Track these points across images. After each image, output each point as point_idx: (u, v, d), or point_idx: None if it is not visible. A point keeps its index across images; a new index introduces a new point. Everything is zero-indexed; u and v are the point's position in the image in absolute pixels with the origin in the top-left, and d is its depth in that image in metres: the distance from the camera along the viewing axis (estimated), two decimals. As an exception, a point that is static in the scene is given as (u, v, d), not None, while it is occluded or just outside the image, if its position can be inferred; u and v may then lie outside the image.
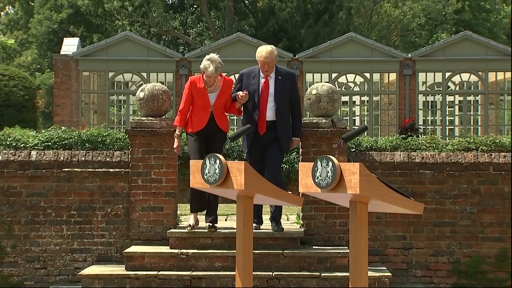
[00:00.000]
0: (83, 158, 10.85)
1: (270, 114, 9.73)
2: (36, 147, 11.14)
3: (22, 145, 11.20)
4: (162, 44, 39.10)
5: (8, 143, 11.21)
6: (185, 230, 10.22)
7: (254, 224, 9.42)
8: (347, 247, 10.05)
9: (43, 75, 42.93)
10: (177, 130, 9.76)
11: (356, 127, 10.60)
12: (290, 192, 6.14)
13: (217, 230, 10.30)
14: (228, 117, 10.30)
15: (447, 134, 26.95)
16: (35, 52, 52.05)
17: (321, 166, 5.01)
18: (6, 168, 10.79)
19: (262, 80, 9.69)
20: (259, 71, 9.74)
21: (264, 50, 9.63)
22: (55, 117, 27.66)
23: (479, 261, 10.88)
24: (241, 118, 10.25)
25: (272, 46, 9.81)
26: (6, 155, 10.85)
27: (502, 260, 10.87)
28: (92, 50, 27.86)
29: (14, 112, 28.50)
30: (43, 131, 11.95)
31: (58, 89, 27.58)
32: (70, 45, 29.32)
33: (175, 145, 9.75)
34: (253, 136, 9.64)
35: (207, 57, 9.56)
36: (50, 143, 11.18)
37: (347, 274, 9.20)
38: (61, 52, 28.90)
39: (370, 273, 9.29)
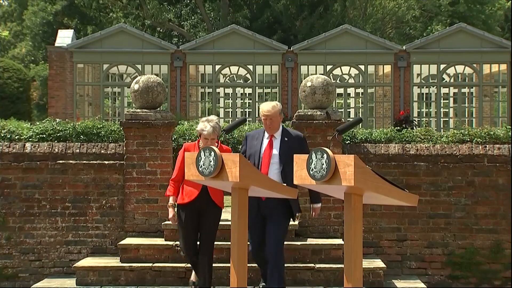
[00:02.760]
0: (77, 150, 10.84)
1: (274, 177, 8.15)
2: (30, 139, 11.14)
3: (16, 137, 11.20)
4: (157, 36, 39.02)
5: (2, 135, 11.21)
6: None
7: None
8: (341, 239, 10.07)
9: (37, 67, 42.87)
10: (170, 200, 8.60)
11: (351, 119, 10.59)
12: (285, 184, 6.14)
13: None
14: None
15: (441, 126, 26.97)
16: (29, 44, 51.97)
17: (316, 158, 5.01)
18: (0, 160, 10.79)
19: (266, 141, 8.44)
20: (264, 132, 8.53)
21: (266, 104, 8.51)
22: (49, 109, 27.61)
23: (473, 253, 10.90)
24: None
25: (277, 102, 8.62)
26: (1, 147, 10.84)
27: (496, 251, 10.90)
28: (87, 42, 27.80)
29: (8, 104, 28.46)
30: (38, 123, 11.93)
31: (52, 81, 27.51)
32: (64, 37, 29.24)
33: (170, 215, 8.59)
34: (256, 204, 8.07)
35: (203, 118, 8.67)
36: (44, 135, 11.17)
37: (342, 265, 9.23)
38: (56, 44, 28.82)
39: (365, 265, 9.31)
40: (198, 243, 8.66)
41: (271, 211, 8.17)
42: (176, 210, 8.61)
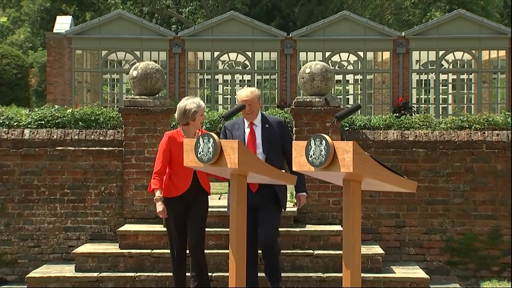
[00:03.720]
0: (76, 137, 10.84)
1: None
2: (29, 126, 11.13)
3: (15, 124, 11.18)
4: (155, 23, 38.93)
5: (1, 121, 11.20)
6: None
7: None
8: (340, 226, 10.08)
9: (36, 53, 42.80)
10: (157, 193, 8.01)
11: (350, 106, 10.59)
12: (284, 171, 6.15)
13: (210, 209, 10.31)
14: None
15: (440, 113, 26.97)
16: (27, 30, 51.86)
17: (315, 144, 5.01)
18: (-1, 146, 10.78)
19: (247, 130, 8.10)
20: (243, 121, 8.18)
21: (243, 90, 8.16)
22: (48, 95, 27.59)
23: (471, 239, 10.92)
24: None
25: (255, 88, 8.28)
26: (-1, 134, 10.83)
27: (495, 237, 10.92)
28: (85, 28, 27.76)
29: (6, 91, 28.46)
30: (36, 109, 11.92)
31: (51, 68, 27.48)
32: (63, 23, 29.20)
33: (159, 209, 8.01)
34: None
35: (182, 100, 8.16)
36: (43, 122, 11.16)
37: (340, 252, 9.24)
38: (54, 31, 28.79)
39: (363, 251, 9.32)
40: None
41: (260, 204, 7.90)
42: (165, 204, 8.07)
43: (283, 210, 8.22)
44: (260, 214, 7.94)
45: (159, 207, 7.97)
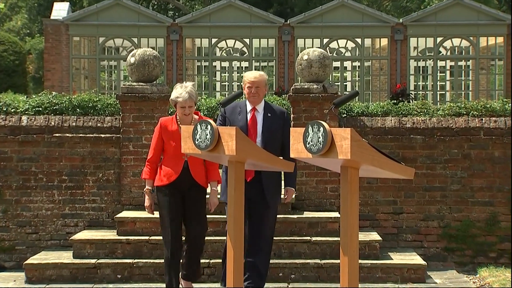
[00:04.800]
0: (74, 124, 10.83)
1: None
2: (26, 112, 11.11)
3: (12, 110, 11.17)
4: (152, 9, 38.84)
5: (-2, 108, 11.19)
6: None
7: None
8: (338, 212, 10.09)
9: (33, 40, 42.65)
10: (146, 185, 7.86)
11: (347, 93, 10.59)
12: (281, 158, 6.14)
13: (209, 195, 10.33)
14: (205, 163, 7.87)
15: (438, 99, 26.97)
16: (25, 16, 51.71)
17: (312, 131, 5.00)
18: (-4, 133, 10.77)
19: (249, 116, 7.75)
20: (245, 104, 7.80)
21: (251, 72, 7.87)
22: (45, 82, 27.54)
23: (469, 225, 10.94)
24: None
25: (263, 72, 7.93)
26: (-3, 121, 10.82)
27: (492, 224, 10.94)
28: (83, 15, 27.69)
29: (4, 77, 28.40)
30: (34, 96, 11.91)
31: (48, 54, 27.42)
32: (60, 10, 29.10)
33: (146, 204, 7.85)
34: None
35: (177, 85, 7.79)
36: (40, 108, 11.15)
37: (338, 238, 9.23)
38: (51, 17, 28.70)
39: (361, 238, 9.34)
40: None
41: (256, 197, 7.53)
42: (155, 194, 7.86)
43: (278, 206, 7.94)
44: (252, 211, 7.58)
45: (147, 201, 7.84)
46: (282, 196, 7.96)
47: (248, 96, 7.74)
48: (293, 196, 8.38)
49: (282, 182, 8.03)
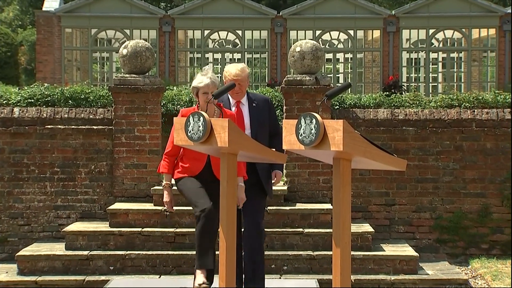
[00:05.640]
0: (66, 115, 10.81)
1: None
2: (18, 104, 11.10)
3: (4, 102, 11.16)
4: (144, 1, 38.76)
5: (-10, 100, 11.17)
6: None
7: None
8: (330, 204, 10.10)
9: (25, 31, 42.50)
10: (165, 179, 7.28)
11: (340, 84, 10.60)
12: (274, 149, 6.13)
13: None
14: None
15: (430, 91, 26.97)
16: (16, 8, 51.52)
17: (305, 123, 5.00)
18: (-12, 125, 10.75)
19: (234, 109, 7.50)
20: (228, 99, 7.58)
21: (233, 66, 7.57)
22: (37, 74, 27.46)
23: (461, 217, 10.96)
24: None
25: (244, 64, 7.67)
26: (-11, 112, 10.80)
27: (484, 215, 10.96)
28: (75, 6, 27.58)
29: (-4, 69, 28.33)
30: (26, 88, 11.89)
31: (40, 46, 27.34)
32: (52, 1, 28.97)
33: (165, 199, 7.28)
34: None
35: (199, 73, 7.26)
36: (32, 100, 11.13)
37: (330, 230, 9.26)
38: (43, 8, 28.59)
39: (353, 229, 9.35)
40: None
41: (253, 187, 7.34)
42: (178, 183, 7.21)
43: (269, 198, 7.76)
44: (245, 207, 7.28)
45: (166, 197, 7.27)
46: (273, 181, 7.72)
47: (231, 92, 7.50)
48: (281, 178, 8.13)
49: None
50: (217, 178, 6.79)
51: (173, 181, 7.30)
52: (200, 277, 6.84)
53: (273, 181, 7.74)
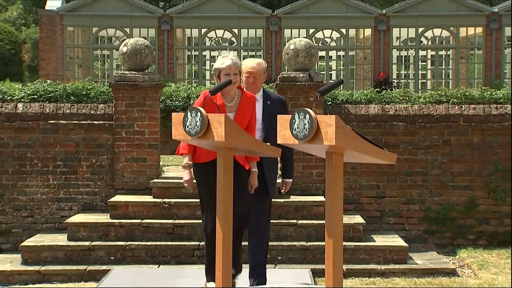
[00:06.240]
0: (68, 111, 10.79)
1: None
2: (22, 100, 11.08)
3: (8, 98, 11.14)
4: (143, 0, 38.67)
5: (-5, 96, 11.16)
6: (168, 180, 10.29)
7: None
8: (323, 196, 10.10)
9: (28, 29, 42.45)
10: (186, 159, 6.78)
11: (332, 81, 10.60)
12: (269, 144, 6.12)
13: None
14: None
15: (419, 88, 26.98)
16: (20, 7, 51.43)
17: (299, 118, 4.99)
18: (-7, 120, 10.74)
19: None
20: None
21: (250, 60, 7.40)
22: (40, 71, 27.41)
23: (448, 209, 10.97)
24: None
25: (262, 60, 7.46)
26: (-7, 108, 10.79)
27: (471, 207, 10.98)
28: (77, 5, 27.54)
29: (0, 66, 28.30)
30: (29, 84, 11.87)
31: (43, 44, 27.28)
32: (54, 1, 28.91)
33: (186, 178, 6.84)
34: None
35: (220, 56, 6.94)
36: (36, 96, 11.11)
37: (323, 221, 9.27)
38: (46, 7, 28.52)
39: (345, 221, 9.35)
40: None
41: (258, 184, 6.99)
42: (196, 170, 6.82)
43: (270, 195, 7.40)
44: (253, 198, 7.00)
45: (186, 175, 6.83)
46: (282, 190, 7.59)
47: (246, 85, 7.32)
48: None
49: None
50: (236, 161, 6.48)
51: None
52: (211, 284, 6.72)
53: (282, 191, 7.59)
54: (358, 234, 9.71)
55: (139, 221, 9.77)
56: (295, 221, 9.74)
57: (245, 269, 7.23)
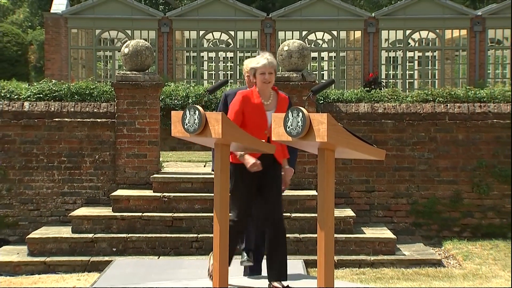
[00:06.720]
0: (72, 109, 10.78)
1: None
2: (28, 99, 11.08)
3: (15, 97, 11.14)
4: (144, 4, 38.62)
5: (2, 94, 11.14)
6: (167, 176, 10.29)
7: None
8: (315, 191, 10.10)
9: (34, 32, 42.33)
10: (238, 155, 6.29)
11: (324, 81, 10.59)
12: (264, 141, 6.11)
13: (196, 176, 10.34)
14: None
15: (407, 87, 26.96)
16: (27, 10, 51.31)
17: (292, 116, 4.99)
18: (1, 117, 10.72)
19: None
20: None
21: (251, 60, 6.95)
22: (46, 71, 27.33)
23: (434, 202, 10.98)
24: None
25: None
26: (1, 106, 10.77)
27: (456, 201, 10.99)
28: (80, 8, 27.46)
29: (7, 66, 28.19)
30: (35, 84, 11.85)
31: (48, 45, 27.20)
32: (59, 4, 28.83)
33: (251, 162, 6.23)
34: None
35: (257, 56, 6.66)
36: (41, 95, 11.10)
37: (315, 215, 9.27)
38: (51, 11, 28.44)
39: (336, 214, 9.35)
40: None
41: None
42: (234, 168, 6.33)
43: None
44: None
45: (250, 159, 6.25)
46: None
47: (248, 84, 7.10)
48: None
49: None
50: (276, 159, 6.44)
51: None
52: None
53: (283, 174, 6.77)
54: (349, 227, 9.72)
55: (140, 214, 9.76)
56: (288, 214, 9.73)
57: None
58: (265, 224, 6.44)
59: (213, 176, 5.80)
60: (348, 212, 10.00)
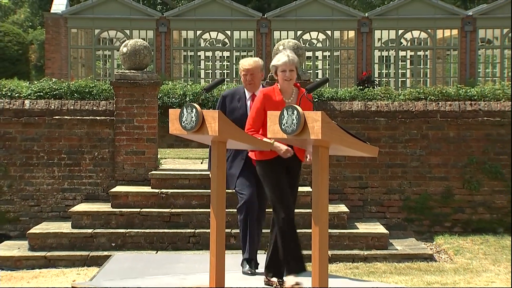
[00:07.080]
0: (72, 107, 10.76)
1: None
2: (29, 97, 11.05)
3: (16, 95, 11.12)
4: (142, 4, 38.57)
5: (3, 93, 11.13)
6: (165, 172, 10.28)
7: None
8: (310, 187, 10.09)
9: (35, 31, 42.26)
10: (267, 140, 5.93)
11: (319, 79, 10.60)
12: (260, 138, 6.10)
13: (193, 172, 10.33)
14: None
15: (399, 86, 26.98)
16: (27, 10, 51.23)
17: (287, 114, 5.00)
18: (2, 115, 10.71)
19: (249, 103, 7.05)
20: (244, 91, 7.14)
21: (246, 59, 7.17)
22: (46, 70, 27.28)
23: (426, 198, 10.99)
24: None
25: (258, 58, 7.22)
26: (2, 104, 10.76)
27: (447, 197, 11.00)
28: (80, 9, 27.42)
29: (9, 65, 28.15)
30: (36, 82, 11.83)
31: (49, 45, 27.15)
32: (59, 4, 28.77)
33: (285, 149, 6.20)
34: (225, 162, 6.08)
35: (278, 53, 6.56)
36: (42, 93, 11.09)
37: (310, 210, 9.25)
38: (51, 11, 28.39)
39: (330, 210, 9.35)
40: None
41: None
42: (261, 167, 6.39)
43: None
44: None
45: (282, 146, 6.19)
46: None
47: (244, 84, 7.11)
48: None
49: None
50: (297, 156, 6.38)
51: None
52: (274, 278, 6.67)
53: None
54: (342, 222, 9.72)
55: (138, 210, 9.76)
56: (283, 210, 9.71)
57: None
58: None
59: (208, 173, 5.80)
60: (342, 208, 10.00)
